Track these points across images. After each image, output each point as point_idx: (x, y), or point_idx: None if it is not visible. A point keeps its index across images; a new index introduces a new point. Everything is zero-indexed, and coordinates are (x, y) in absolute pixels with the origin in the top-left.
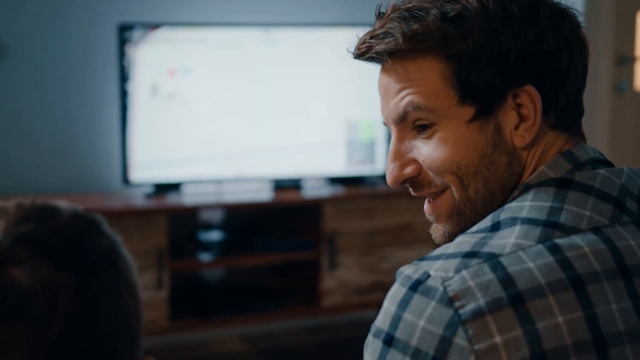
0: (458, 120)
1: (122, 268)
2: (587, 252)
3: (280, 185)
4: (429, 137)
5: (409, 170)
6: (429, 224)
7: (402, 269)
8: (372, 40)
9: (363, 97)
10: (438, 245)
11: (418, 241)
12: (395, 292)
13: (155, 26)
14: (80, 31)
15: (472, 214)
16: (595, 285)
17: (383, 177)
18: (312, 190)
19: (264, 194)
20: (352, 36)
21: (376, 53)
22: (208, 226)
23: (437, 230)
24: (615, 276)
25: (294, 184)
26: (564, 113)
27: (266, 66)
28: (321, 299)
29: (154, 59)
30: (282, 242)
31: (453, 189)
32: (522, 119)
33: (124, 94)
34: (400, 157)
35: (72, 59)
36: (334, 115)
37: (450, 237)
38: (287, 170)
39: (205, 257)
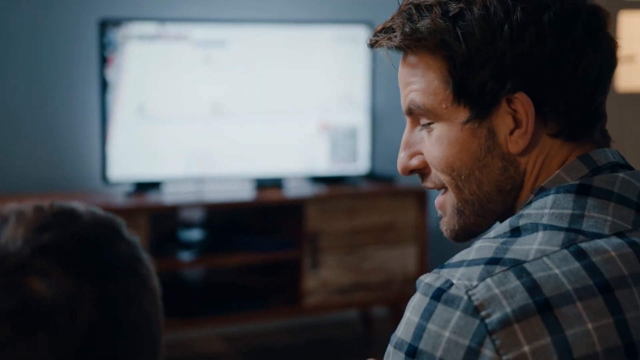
0: (453, 121)
1: (142, 275)
2: (614, 256)
3: (262, 184)
4: (430, 133)
5: (414, 162)
6: (411, 223)
7: (422, 277)
8: (379, 35)
9: (346, 95)
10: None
11: (400, 241)
12: (418, 302)
13: (136, 22)
14: (61, 27)
15: (472, 214)
16: (623, 290)
17: (365, 176)
18: (294, 190)
19: (246, 193)
20: (336, 34)
21: (381, 48)
22: (189, 225)
23: (442, 225)
24: None
25: (276, 183)
26: (568, 121)
27: (248, 64)
28: (303, 298)
29: (135, 55)
30: (263, 241)
31: (450, 189)
32: (517, 124)
33: (104, 92)
34: (410, 147)
35: (51, 55)
36: (316, 114)
37: (454, 234)
38: (269, 169)
39: (186, 256)
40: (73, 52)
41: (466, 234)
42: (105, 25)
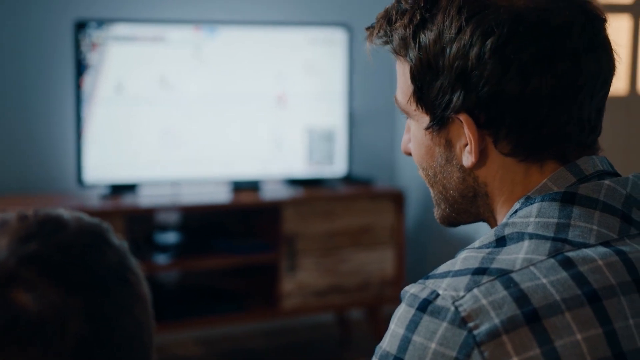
0: (420, 124)
1: (132, 283)
2: (601, 265)
3: (239, 187)
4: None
5: (410, 146)
6: (388, 226)
7: (407, 288)
8: (369, 29)
9: (323, 98)
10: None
11: (377, 243)
12: (403, 313)
13: (112, 23)
14: (36, 28)
15: (447, 209)
16: (611, 299)
17: (342, 178)
18: (271, 192)
19: (222, 196)
20: (314, 36)
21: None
22: (165, 228)
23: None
24: (631, 290)
25: (253, 186)
26: (518, 142)
27: (226, 66)
28: (280, 301)
29: (110, 56)
30: (240, 244)
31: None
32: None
33: (79, 93)
34: (409, 131)
35: (26, 56)
36: (293, 116)
37: (439, 220)
38: (245, 171)
39: (162, 259)
40: (48, 54)
41: (449, 223)
42: (81, 27)
